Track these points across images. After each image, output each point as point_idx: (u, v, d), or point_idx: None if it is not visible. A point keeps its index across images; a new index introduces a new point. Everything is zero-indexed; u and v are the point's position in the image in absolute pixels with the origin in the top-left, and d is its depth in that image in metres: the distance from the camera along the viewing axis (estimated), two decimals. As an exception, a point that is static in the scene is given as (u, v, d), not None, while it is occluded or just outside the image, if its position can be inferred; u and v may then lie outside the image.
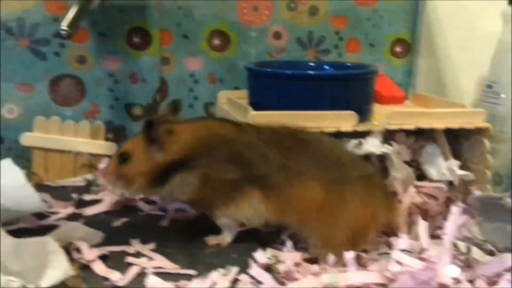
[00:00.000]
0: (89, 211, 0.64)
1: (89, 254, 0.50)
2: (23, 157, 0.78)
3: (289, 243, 0.55)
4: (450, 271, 0.45)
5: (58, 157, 0.77)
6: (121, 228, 0.59)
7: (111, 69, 0.81)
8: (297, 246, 0.55)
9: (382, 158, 0.70)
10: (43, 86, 0.79)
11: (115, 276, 0.47)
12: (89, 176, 0.76)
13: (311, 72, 0.72)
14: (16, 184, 0.54)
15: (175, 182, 0.54)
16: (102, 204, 0.66)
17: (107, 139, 0.80)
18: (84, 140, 0.78)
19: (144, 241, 0.55)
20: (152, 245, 0.54)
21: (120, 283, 0.47)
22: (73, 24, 0.60)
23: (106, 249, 0.52)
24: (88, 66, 0.80)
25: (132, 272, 0.48)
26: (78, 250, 0.51)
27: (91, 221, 0.59)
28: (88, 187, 0.73)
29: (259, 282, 0.46)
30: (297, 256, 0.52)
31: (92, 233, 0.52)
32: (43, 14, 0.76)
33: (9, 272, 0.43)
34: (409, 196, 0.64)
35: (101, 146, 0.78)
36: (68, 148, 0.77)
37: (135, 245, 0.54)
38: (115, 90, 0.82)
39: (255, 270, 0.47)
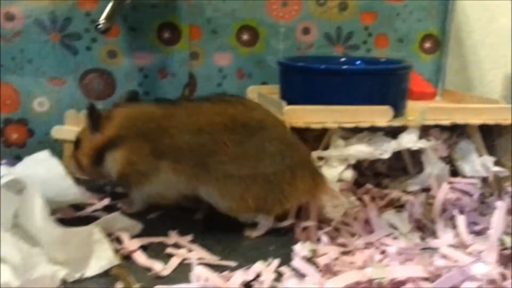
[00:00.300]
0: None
1: (131, 244, 0.50)
2: (53, 150, 0.77)
3: (325, 238, 0.55)
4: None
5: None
6: (157, 220, 0.60)
7: (141, 64, 0.81)
8: (334, 242, 0.55)
9: (414, 154, 0.70)
10: (74, 80, 0.80)
11: (157, 266, 0.47)
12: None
13: (349, 66, 0.72)
14: (55, 175, 0.55)
15: (108, 160, 0.60)
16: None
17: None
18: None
19: (181, 233, 0.55)
20: (189, 237, 0.55)
21: (163, 273, 0.47)
22: (110, 18, 0.61)
23: (145, 240, 0.53)
24: (118, 61, 0.80)
25: (174, 262, 0.48)
26: (118, 240, 0.51)
27: (127, 213, 0.59)
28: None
29: (303, 275, 0.46)
30: (335, 250, 0.52)
31: (132, 224, 0.52)
32: (75, 9, 0.77)
33: (55, 261, 0.43)
34: (443, 192, 0.64)
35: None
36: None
37: (173, 237, 0.54)
38: (144, 85, 0.82)
39: (298, 262, 0.47)
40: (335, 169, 0.62)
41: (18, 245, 0.39)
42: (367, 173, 0.71)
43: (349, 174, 0.63)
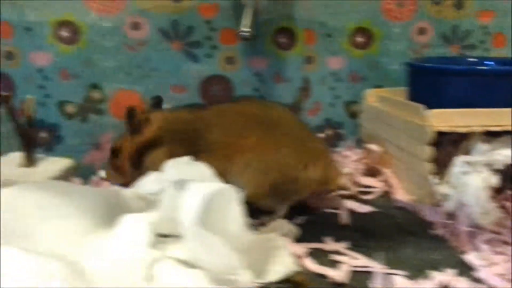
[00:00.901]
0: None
1: (298, 250, 0.51)
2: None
3: (484, 246, 0.53)
4: None
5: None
6: (305, 226, 0.60)
7: (257, 69, 0.82)
8: (493, 250, 0.53)
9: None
10: (194, 87, 0.82)
11: (332, 273, 0.47)
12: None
13: (499, 68, 0.69)
14: (207, 177, 0.56)
15: (148, 160, 0.63)
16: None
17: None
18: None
19: (336, 239, 0.55)
20: (345, 243, 0.54)
21: (340, 281, 0.47)
22: (252, 25, 0.62)
23: (306, 246, 0.53)
24: (236, 67, 0.82)
25: (345, 270, 0.49)
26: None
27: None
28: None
29: (488, 285, 0.45)
30: (500, 259, 0.51)
31: (292, 230, 0.52)
32: (196, 17, 0.79)
33: (240, 266, 0.44)
34: None
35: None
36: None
37: (329, 243, 0.55)
38: (260, 90, 0.83)
39: (484, 273, 0.45)
40: (481, 174, 0.60)
41: (217, 247, 0.40)
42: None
43: (494, 180, 0.61)
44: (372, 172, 0.75)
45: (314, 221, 0.61)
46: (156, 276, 0.39)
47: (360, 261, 0.51)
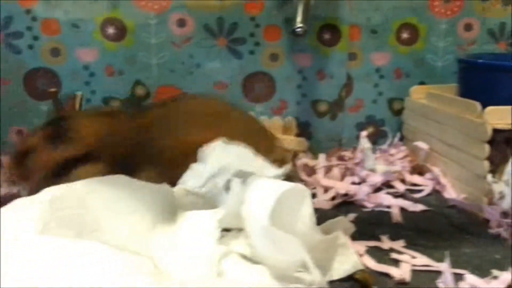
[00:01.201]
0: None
1: (357, 248, 0.50)
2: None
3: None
4: None
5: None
6: (357, 223, 0.58)
7: (300, 66, 0.82)
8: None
9: None
10: (237, 83, 0.81)
11: (395, 272, 0.47)
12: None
13: None
14: (250, 162, 0.55)
15: (73, 177, 0.52)
16: (319, 199, 0.66)
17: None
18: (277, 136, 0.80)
19: (391, 237, 0.55)
20: (401, 242, 0.54)
21: (404, 279, 0.46)
22: (305, 21, 0.61)
23: (362, 244, 0.52)
24: (279, 63, 0.81)
25: (406, 268, 0.48)
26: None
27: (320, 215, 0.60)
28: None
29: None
30: None
31: (349, 227, 0.52)
32: (241, 14, 0.79)
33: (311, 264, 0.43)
34: None
35: (293, 142, 0.79)
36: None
37: (385, 241, 0.54)
38: (303, 87, 0.83)
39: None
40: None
41: (287, 245, 0.40)
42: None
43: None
44: (419, 170, 0.74)
45: (365, 218, 0.61)
46: (225, 271, 0.39)
47: (420, 260, 0.50)
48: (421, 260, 0.50)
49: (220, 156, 0.52)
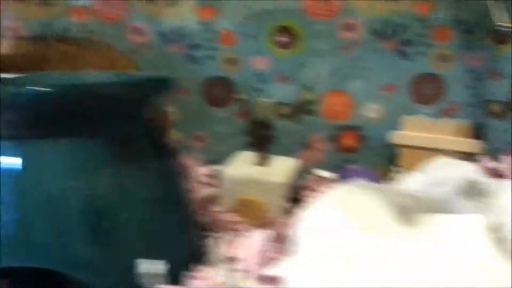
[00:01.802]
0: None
1: None
2: (384, 156, 0.81)
3: None
4: None
5: (425, 155, 0.78)
6: None
7: (471, 66, 0.80)
8: None
9: None
10: (405, 85, 0.81)
11: None
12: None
13: None
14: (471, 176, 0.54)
15: None
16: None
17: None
18: (450, 138, 0.78)
19: None
20: None
21: None
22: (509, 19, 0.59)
23: None
24: (449, 64, 0.80)
25: None
26: None
27: None
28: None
29: None
30: None
31: None
32: (409, 15, 0.78)
33: None
34: None
35: (467, 144, 0.77)
36: (435, 146, 0.78)
37: None
38: (473, 87, 0.80)
39: None
40: None
41: None
42: None
43: None
44: None
45: None
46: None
47: None
48: None
49: (443, 169, 0.52)
